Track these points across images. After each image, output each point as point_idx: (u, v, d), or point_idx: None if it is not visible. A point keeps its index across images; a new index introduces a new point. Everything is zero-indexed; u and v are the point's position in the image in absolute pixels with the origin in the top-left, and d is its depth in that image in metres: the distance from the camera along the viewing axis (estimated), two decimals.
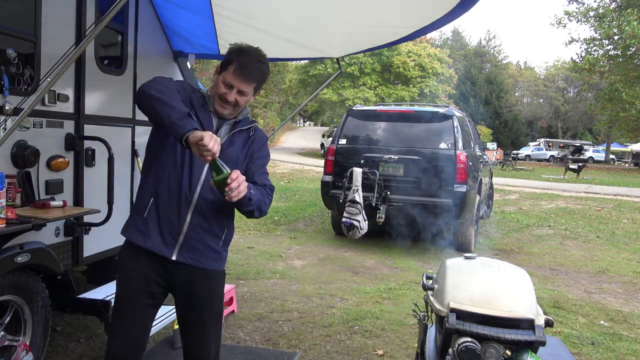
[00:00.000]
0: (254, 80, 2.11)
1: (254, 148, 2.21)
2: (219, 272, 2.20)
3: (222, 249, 2.19)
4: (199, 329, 2.17)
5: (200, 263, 2.10)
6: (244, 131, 2.20)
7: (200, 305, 2.15)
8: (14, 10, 2.84)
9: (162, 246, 2.06)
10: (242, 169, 2.12)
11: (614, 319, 4.69)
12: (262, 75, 2.15)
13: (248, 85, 2.10)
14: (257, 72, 2.11)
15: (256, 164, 2.21)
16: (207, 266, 2.13)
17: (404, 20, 3.58)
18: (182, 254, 2.08)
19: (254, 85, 2.13)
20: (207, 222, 2.09)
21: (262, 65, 2.15)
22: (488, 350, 1.84)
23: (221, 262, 2.20)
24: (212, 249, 2.13)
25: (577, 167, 22.54)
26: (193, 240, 2.08)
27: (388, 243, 7.37)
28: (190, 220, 2.06)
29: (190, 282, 2.12)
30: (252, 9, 3.79)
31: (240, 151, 2.16)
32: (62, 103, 3.10)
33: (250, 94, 2.14)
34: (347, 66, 29.74)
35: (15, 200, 2.70)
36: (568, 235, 8.86)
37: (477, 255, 2.17)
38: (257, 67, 2.11)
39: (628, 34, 25.10)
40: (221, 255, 2.19)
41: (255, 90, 2.17)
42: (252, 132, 2.24)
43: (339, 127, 7.65)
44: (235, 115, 2.19)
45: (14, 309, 2.77)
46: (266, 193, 2.16)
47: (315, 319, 4.34)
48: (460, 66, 48.92)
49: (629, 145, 43.04)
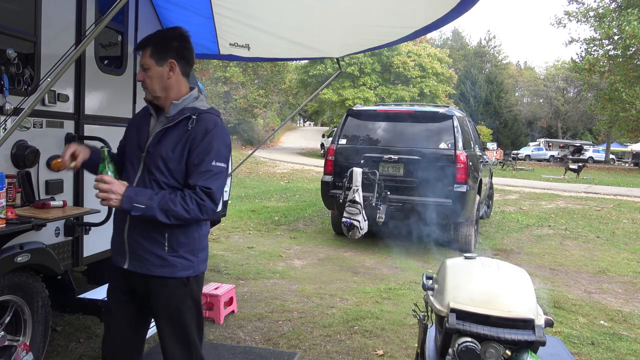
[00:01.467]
0: (145, 47, 2.03)
1: (192, 141, 2.00)
2: (174, 279, 2.06)
3: (171, 254, 2.04)
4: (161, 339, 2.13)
5: (148, 270, 2.05)
6: (180, 124, 2.04)
7: (158, 314, 2.11)
8: (14, 10, 2.84)
9: (117, 256, 2.13)
10: (181, 167, 2.01)
11: (614, 319, 4.69)
12: (153, 40, 2.04)
13: (143, 55, 2.03)
14: (146, 38, 2.05)
15: (192, 163, 2.00)
16: (154, 273, 2.05)
17: (404, 20, 3.58)
18: (132, 262, 2.07)
19: (148, 51, 2.02)
20: (143, 228, 2.03)
21: (156, 32, 2.10)
22: (488, 350, 1.84)
23: (172, 268, 2.05)
24: (157, 255, 2.04)
25: (577, 167, 22.55)
26: (136, 248, 2.06)
27: (388, 243, 7.37)
28: (128, 229, 2.06)
29: (146, 291, 2.10)
30: (252, 9, 3.79)
31: (169, 148, 2.01)
32: (62, 103, 3.10)
33: (152, 65, 2.03)
34: (347, 66, 29.77)
35: (15, 200, 2.70)
36: (568, 235, 8.86)
37: (477, 255, 2.17)
38: (148, 36, 2.07)
39: (628, 34, 25.09)
40: (169, 261, 2.04)
41: (156, 59, 2.03)
42: (191, 123, 2.03)
43: (339, 127, 7.65)
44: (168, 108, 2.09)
45: (14, 309, 2.77)
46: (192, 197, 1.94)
47: (315, 319, 4.34)
48: (460, 66, 48.91)
49: (629, 145, 43.03)
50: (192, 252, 2.09)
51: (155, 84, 2.05)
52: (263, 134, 34.02)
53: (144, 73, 2.05)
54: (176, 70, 2.06)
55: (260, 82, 30.22)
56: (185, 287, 2.09)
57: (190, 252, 2.09)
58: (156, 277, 2.05)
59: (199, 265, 2.13)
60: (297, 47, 4.27)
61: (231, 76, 27.35)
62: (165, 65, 2.04)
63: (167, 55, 2.04)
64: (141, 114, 2.22)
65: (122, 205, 1.90)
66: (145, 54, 2.02)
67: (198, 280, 2.16)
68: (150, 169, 2.03)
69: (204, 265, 2.18)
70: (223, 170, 2.03)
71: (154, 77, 2.04)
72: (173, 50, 2.06)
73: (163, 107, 2.11)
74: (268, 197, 11.95)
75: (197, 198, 1.94)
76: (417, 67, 32.48)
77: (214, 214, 2.04)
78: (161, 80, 2.05)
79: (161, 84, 2.05)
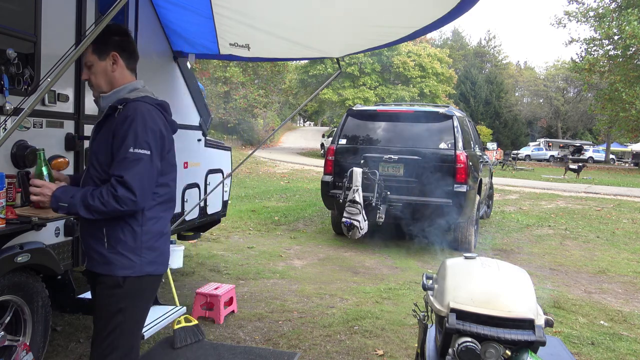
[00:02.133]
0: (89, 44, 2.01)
1: (114, 131, 1.97)
2: (110, 277, 2.01)
3: (110, 252, 2.01)
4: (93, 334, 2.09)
5: (92, 267, 2.09)
6: (109, 117, 2.03)
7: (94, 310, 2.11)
8: (14, 10, 2.84)
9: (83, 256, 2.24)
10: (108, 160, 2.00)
11: (614, 319, 4.69)
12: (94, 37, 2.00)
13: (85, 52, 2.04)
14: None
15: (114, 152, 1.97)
16: (96, 270, 2.06)
17: (404, 20, 3.57)
18: (86, 261, 2.15)
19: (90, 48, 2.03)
20: (86, 227, 2.09)
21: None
22: (488, 350, 1.84)
23: (110, 266, 2.01)
24: (98, 252, 2.04)
25: (577, 167, 22.55)
26: (85, 247, 2.12)
27: (388, 243, 7.37)
28: (80, 228, 2.15)
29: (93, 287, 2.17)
30: (252, 8, 3.79)
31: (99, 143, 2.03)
32: (62, 103, 3.10)
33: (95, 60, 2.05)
34: (347, 66, 29.78)
35: (15, 200, 2.70)
36: (568, 235, 8.86)
37: (477, 255, 2.17)
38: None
39: (628, 34, 25.09)
40: (108, 258, 2.01)
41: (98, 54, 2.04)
42: (117, 114, 2.00)
43: (339, 127, 7.65)
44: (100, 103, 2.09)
45: (14, 309, 2.77)
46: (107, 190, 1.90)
47: (315, 319, 4.34)
48: (460, 66, 48.94)
49: (629, 145, 43.03)
50: (132, 250, 2.02)
51: (100, 79, 2.05)
52: (263, 134, 34.01)
53: (88, 71, 2.06)
54: (119, 63, 2.07)
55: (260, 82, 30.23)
56: (118, 288, 2.01)
57: (130, 251, 2.02)
58: (98, 274, 2.07)
59: (143, 266, 2.04)
60: (297, 47, 4.27)
61: (231, 76, 27.36)
62: (107, 58, 2.05)
63: (108, 48, 2.04)
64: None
65: (51, 205, 1.96)
66: (88, 51, 2.03)
67: (141, 283, 2.06)
68: (89, 166, 2.08)
69: (151, 267, 2.07)
70: (143, 157, 1.93)
71: (98, 72, 2.05)
72: (114, 43, 2.07)
73: None
74: (268, 197, 11.96)
75: (111, 189, 1.90)
76: (417, 67, 32.48)
77: (135, 206, 1.93)
78: (105, 74, 2.05)
79: (106, 78, 2.06)
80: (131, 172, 1.91)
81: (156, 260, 2.09)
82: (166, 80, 4.40)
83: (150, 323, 3.30)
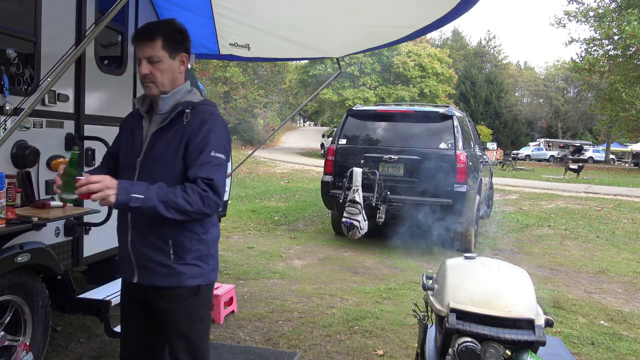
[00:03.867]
0: (154, 37, 1.87)
1: (189, 135, 1.89)
2: (183, 288, 1.95)
3: (177, 262, 1.93)
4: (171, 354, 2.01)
5: (156, 281, 1.94)
6: (174, 121, 1.92)
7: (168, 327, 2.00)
8: (14, 10, 2.84)
9: (126, 271, 2.03)
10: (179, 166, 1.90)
11: (614, 319, 4.69)
12: (163, 31, 1.90)
13: (150, 46, 1.87)
14: (152, 29, 1.89)
15: (191, 156, 1.88)
16: (162, 284, 1.94)
17: (404, 20, 3.58)
18: (141, 275, 1.97)
19: (158, 43, 1.87)
20: (144, 237, 1.93)
21: (161, 23, 1.95)
22: (488, 350, 1.84)
23: (180, 277, 1.94)
24: (162, 264, 1.93)
25: (577, 167, 22.55)
26: (141, 259, 1.95)
27: (388, 243, 7.36)
28: (131, 240, 1.96)
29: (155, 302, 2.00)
30: (252, 8, 3.79)
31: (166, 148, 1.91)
32: (62, 103, 3.10)
33: (165, 57, 1.89)
34: (347, 66, 29.78)
35: (15, 200, 2.70)
36: (568, 235, 8.85)
37: (477, 255, 2.17)
38: (151, 26, 1.93)
39: (628, 34, 25.10)
40: (176, 269, 1.93)
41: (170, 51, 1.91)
42: (186, 117, 1.92)
43: (339, 127, 7.65)
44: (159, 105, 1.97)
45: (14, 309, 2.77)
46: (194, 189, 1.81)
47: (315, 319, 4.34)
48: (460, 66, 48.93)
49: (629, 145, 43.03)
50: (200, 258, 1.97)
51: (166, 77, 1.91)
52: (263, 134, 34.01)
53: (152, 66, 1.88)
54: (186, 64, 1.99)
55: (260, 82, 30.23)
56: (194, 297, 1.97)
57: (198, 259, 1.96)
58: (165, 287, 1.94)
59: (209, 274, 2.01)
60: (297, 47, 4.27)
61: (231, 76, 27.35)
62: (177, 58, 1.94)
63: (179, 48, 1.94)
64: (131, 119, 2.10)
65: (118, 197, 1.73)
66: (156, 46, 1.87)
67: (208, 291, 2.04)
68: (149, 174, 1.89)
69: (214, 274, 2.04)
70: (223, 162, 1.91)
71: (166, 70, 1.91)
72: (184, 44, 1.97)
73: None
74: (268, 197, 11.95)
75: (198, 189, 1.81)
76: (417, 67, 32.49)
77: (217, 210, 1.89)
78: (172, 73, 1.93)
79: (171, 77, 1.93)
80: (217, 176, 1.86)
81: (216, 268, 2.07)
82: None
83: None
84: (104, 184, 1.72)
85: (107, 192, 1.72)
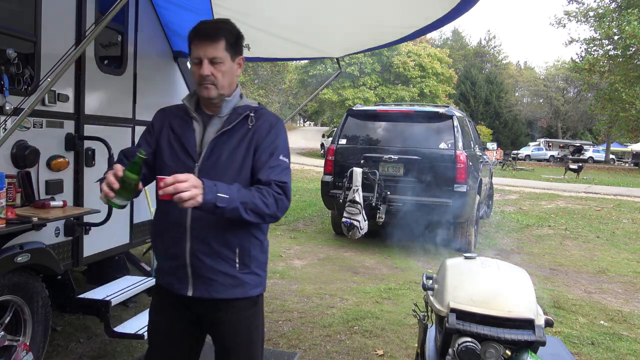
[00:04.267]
0: (218, 38, 1.78)
1: (257, 139, 1.84)
2: (246, 299, 1.87)
3: (243, 272, 1.84)
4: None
5: (216, 293, 1.82)
6: (237, 126, 1.85)
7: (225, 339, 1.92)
8: (14, 10, 2.84)
9: (175, 283, 1.86)
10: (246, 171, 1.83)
11: (614, 319, 4.69)
12: (227, 33, 1.82)
13: (214, 47, 1.77)
14: (216, 29, 1.80)
15: (261, 159, 1.82)
16: (224, 296, 1.83)
17: (404, 20, 3.58)
18: (198, 287, 1.83)
19: (222, 44, 1.78)
20: (208, 245, 1.80)
21: (223, 24, 1.84)
22: (488, 350, 1.84)
23: (244, 287, 1.85)
24: (227, 274, 1.82)
25: (577, 167, 22.56)
26: (201, 270, 1.81)
27: (388, 243, 7.37)
28: (190, 249, 1.81)
29: (213, 316, 1.89)
30: (252, 9, 3.79)
31: (233, 152, 1.82)
32: (62, 103, 3.10)
33: (226, 59, 1.81)
34: (347, 66, 29.78)
35: (15, 200, 2.70)
36: (568, 235, 8.85)
37: (477, 255, 2.17)
38: (214, 26, 1.83)
39: (628, 34, 25.10)
40: (241, 279, 1.84)
41: (232, 53, 1.83)
42: (251, 121, 1.86)
43: (339, 127, 7.65)
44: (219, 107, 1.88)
45: (14, 309, 2.77)
46: (269, 192, 1.76)
47: (315, 319, 4.34)
48: (460, 66, 48.93)
49: (629, 145, 43.04)
50: (261, 266, 1.90)
51: (226, 79, 1.83)
52: None
53: (214, 67, 1.79)
54: (242, 67, 1.93)
55: (260, 82, 30.21)
56: (255, 306, 1.92)
57: (259, 267, 1.90)
58: (226, 299, 1.84)
59: (265, 281, 1.94)
60: (297, 47, 4.27)
61: None
62: (236, 60, 1.87)
63: (238, 51, 1.87)
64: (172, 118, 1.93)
65: (205, 197, 1.59)
66: (219, 46, 1.78)
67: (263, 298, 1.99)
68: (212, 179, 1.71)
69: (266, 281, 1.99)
70: (289, 166, 1.87)
71: (227, 72, 1.82)
72: (241, 48, 1.89)
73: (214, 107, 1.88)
74: None
75: (274, 192, 1.76)
76: (417, 67, 32.49)
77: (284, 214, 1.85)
78: (231, 76, 1.85)
79: (230, 79, 1.85)
80: (288, 180, 1.83)
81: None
82: (166, 80, 4.40)
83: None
84: (190, 182, 1.58)
85: (195, 192, 1.58)
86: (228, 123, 1.85)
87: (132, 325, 3.24)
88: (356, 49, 4.57)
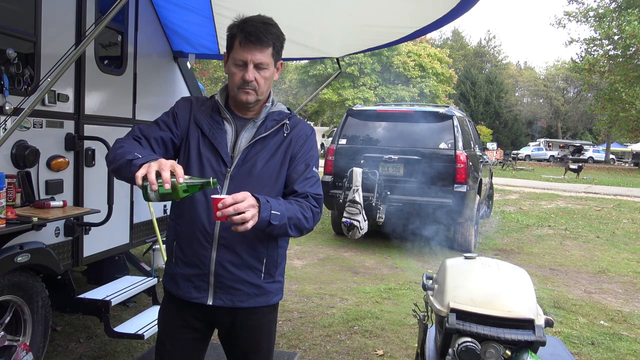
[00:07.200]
0: (268, 44, 1.71)
1: (293, 150, 1.80)
2: (267, 307, 1.84)
3: (267, 281, 1.81)
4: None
5: (240, 302, 1.78)
6: (272, 133, 1.79)
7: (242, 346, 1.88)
8: (14, 10, 2.84)
9: (194, 292, 1.78)
10: (281, 180, 1.78)
11: (614, 319, 4.69)
12: (276, 38, 1.76)
13: (262, 52, 1.70)
14: (267, 34, 1.72)
15: (297, 170, 1.78)
16: (247, 305, 1.79)
17: (404, 20, 3.58)
18: (219, 296, 1.76)
19: (270, 50, 1.73)
20: (236, 255, 1.74)
21: (271, 27, 1.76)
22: (488, 350, 1.84)
23: (267, 296, 1.82)
24: (252, 284, 1.78)
25: (577, 167, 22.57)
26: (226, 280, 1.75)
27: (388, 243, 7.37)
28: (216, 258, 1.74)
29: (231, 324, 1.84)
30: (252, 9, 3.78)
31: (268, 162, 1.76)
32: (62, 103, 3.10)
33: (271, 64, 1.75)
34: (347, 66, 29.80)
35: (15, 200, 2.70)
36: (568, 235, 8.86)
37: (477, 255, 2.17)
38: (265, 29, 1.72)
39: (628, 34, 25.12)
40: (265, 288, 1.81)
41: (275, 59, 1.78)
42: (286, 130, 1.81)
43: (339, 127, 7.65)
44: (257, 112, 1.81)
45: (14, 309, 2.77)
46: (308, 205, 1.73)
47: (315, 319, 4.34)
48: (460, 66, 48.94)
49: (629, 145, 43.07)
50: (282, 272, 1.89)
51: (266, 85, 1.76)
52: None
53: (258, 72, 1.72)
54: (279, 72, 1.87)
55: None
56: (274, 312, 1.91)
57: (281, 274, 1.88)
58: (248, 308, 1.80)
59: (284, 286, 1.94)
60: (297, 47, 4.27)
61: None
62: (276, 65, 1.82)
63: (280, 56, 1.82)
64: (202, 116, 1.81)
65: (262, 214, 1.55)
66: (267, 52, 1.72)
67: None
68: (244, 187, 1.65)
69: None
70: (319, 178, 1.87)
71: (268, 77, 1.76)
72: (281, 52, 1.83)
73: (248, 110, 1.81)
74: None
75: (311, 205, 1.74)
76: (417, 67, 32.52)
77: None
78: (271, 82, 1.80)
79: (269, 85, 1.79)
80: (322, 192, 1.81)
81: None
82: (166, 80, 4.40)
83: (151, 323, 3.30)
84: (248, 202, 1.52)
85: (254, 212, 1.53)
86: (264, 130, 1.78)
87: (132, 325, 3.24)
88: (356, 49, 4.57)
